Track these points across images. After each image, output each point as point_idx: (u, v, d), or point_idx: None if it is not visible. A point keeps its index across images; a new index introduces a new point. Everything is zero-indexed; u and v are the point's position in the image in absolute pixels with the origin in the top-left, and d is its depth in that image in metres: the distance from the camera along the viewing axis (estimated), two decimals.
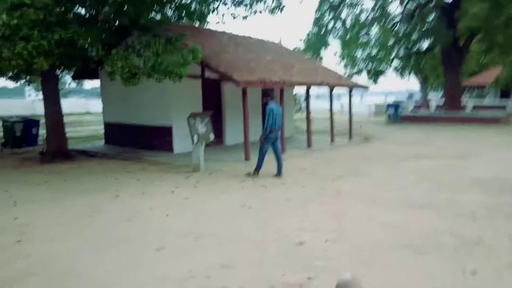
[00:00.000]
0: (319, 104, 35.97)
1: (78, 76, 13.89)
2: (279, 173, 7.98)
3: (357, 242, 4.43)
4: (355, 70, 23.40)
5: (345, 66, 23.82)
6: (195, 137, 8.38)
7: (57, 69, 10.38)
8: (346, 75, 21.67)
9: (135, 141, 12.15)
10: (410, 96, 40.36)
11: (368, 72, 23.16)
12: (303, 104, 26.23)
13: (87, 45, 7.75)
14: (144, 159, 10.29)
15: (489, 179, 7.52)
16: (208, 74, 10.61)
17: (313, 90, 12.88)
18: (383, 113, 29.63)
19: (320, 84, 11.75)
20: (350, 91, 14.16)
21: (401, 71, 29.27)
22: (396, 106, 22.10)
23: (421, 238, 4.51)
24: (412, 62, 25.62)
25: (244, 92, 9.49)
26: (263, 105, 8.10)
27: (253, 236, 4.66)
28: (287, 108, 13.76)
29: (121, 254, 4.23)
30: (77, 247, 4.45)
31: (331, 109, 13.51)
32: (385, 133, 16.60)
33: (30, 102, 31.81)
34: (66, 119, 11.23)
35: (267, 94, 8.07)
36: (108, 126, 13.53)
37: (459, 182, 7.34)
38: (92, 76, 13.29)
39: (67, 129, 11.24)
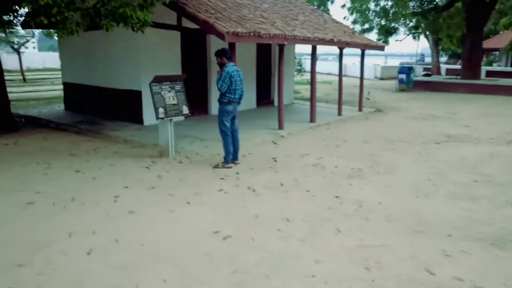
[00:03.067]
0: (318, 64, 32.94)
1: (30, 25, 11.17)
2: (235, 158, 6.10)
3: None
4: (365, 26, 20.49)
5: (354, 22, 20.90)
6: (161, 111, 6.09)
7: None
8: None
9: (98, 108, 9.83)
10: (422, 59, 37.26)
11: (380, 29, 20.26)
12: (304, 66, 23.65)
13: None
14: (103, 133, 8.04)
15: None
16: (187, 23, 8.11)
17: (318, 48, 10.41)
18: (389, 76, 27.12)
19: (331, 41, 9.28)
20: (363, 52, 11.69)
21: (413, 30, 26.37)
22: (408, 70, 19.45)
23: None
24: (428, 21, 22.62)
25: (231, 47, 7.04)
26: (220, 66, 5.82)
27: None
28: (287, 70, 11.36)
29: None
30: None
31: (340, 73, 11.13)
32: (399, 103, 14.26)
33: None
34: (40, 75, 8.82)
35: (222, 52, 5.78)
36: (68, 88, 11.11)
37: None
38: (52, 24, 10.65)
39: (39, 87, 8.82)
